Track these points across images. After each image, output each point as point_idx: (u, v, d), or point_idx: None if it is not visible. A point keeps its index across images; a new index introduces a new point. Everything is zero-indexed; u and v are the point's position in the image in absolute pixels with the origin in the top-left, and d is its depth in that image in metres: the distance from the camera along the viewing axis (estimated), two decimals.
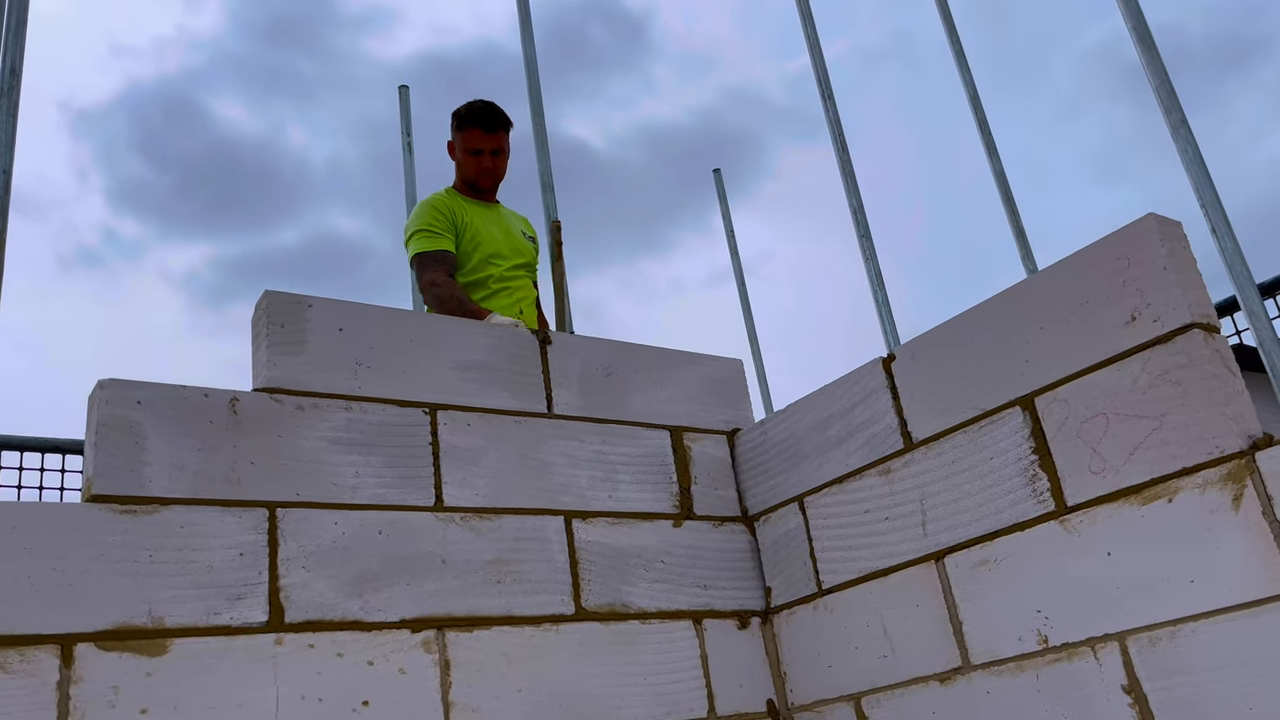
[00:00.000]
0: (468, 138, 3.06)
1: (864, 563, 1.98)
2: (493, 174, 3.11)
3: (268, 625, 1.62)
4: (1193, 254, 1.63)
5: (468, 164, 3.09)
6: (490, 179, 3.12)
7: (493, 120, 3.06)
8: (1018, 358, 1.77)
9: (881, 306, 3.04)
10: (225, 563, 1.63)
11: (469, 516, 1.89)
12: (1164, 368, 1.57)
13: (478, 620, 1.81)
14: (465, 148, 3.08)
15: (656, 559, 2.07)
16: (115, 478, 1.59)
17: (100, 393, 1.64)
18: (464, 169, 3.11)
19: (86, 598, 1.50)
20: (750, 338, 5.04)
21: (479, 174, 3.09)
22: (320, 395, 1.84)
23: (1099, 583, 1.60)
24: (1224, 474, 1.47)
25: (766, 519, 2.21)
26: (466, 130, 3.06)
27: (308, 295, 1.90)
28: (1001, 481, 1.76)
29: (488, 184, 3.13)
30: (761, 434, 2.26)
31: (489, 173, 3.10)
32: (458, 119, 3.08)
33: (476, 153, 3.07)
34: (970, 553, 1.79)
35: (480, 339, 2.09)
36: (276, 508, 1.71)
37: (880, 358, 2.02)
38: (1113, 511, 1.60)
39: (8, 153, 2.12)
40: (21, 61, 2.20)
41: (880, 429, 1.99)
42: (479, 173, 3.09)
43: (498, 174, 3.13)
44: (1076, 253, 1.71)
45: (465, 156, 3.09)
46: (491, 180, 3.13)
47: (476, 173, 3.09)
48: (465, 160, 3.09)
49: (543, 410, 2.09)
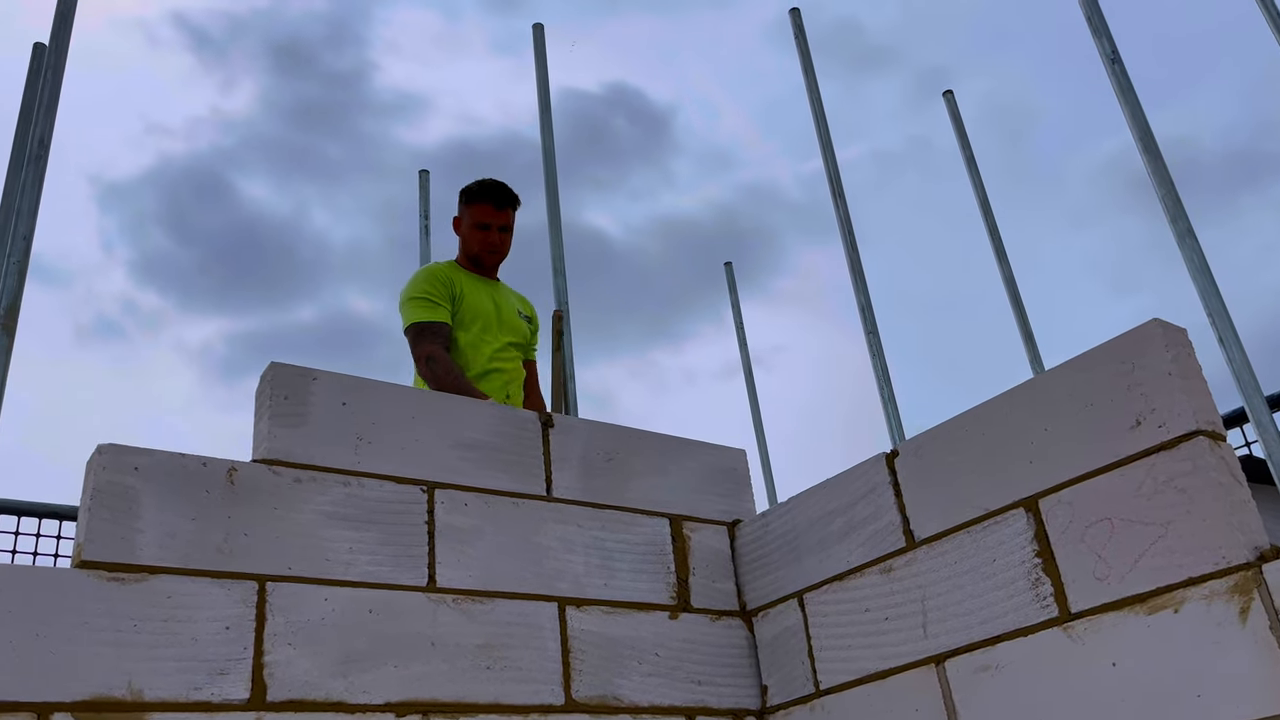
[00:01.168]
0: (477, 212, 3.11)
1: (863, 663, 1.93)
2: (499, 251, 3.15)
3: (249, 703, 1.58)
4: (1198, 361, 1.63)
5: (474, 238, 3.13)
6: (495, 256, 3.16)
7: (503, 197, 3.11)
8: (1022, 458, 1.76)
9: (887, 402, 3.03)
10: (210, 635, 1.60)
11: (461, 599, 1.86)
12: (1170, 474, 1.55)
13: (465, 707, 1.77)
14: (473, 221, 3.11)
15: (651, 651, 2.03)
16: (106, 544, 1.58)
17: (98, 458, 1.64)
18: (470, 243, 3.14)
19: (67, 666, 1.47)
20: (756, 429, 5.02)
21: (484, 249, 3.13)
22: (319, 469, 1.83)
23: (1103, 694, 1.55)
24: (1231, 585, 1.44)
25: (765, 614, 2.17)
26: (477, 205, 3.11)
27: (313, 368, 1.91)
28: (1004, 585, 1.73)
29: (492, 260, 3.17)
30: (763, 526, 2.24)
31: (495, 249, 3.14)
32: (468, 194, 3.13)
33: (484, 227, 3.11)
34: (972, 657, 1.74)
35: (481, 418, 2.09)
36: (267, 581, 1.68)
37: (884, 453, 2.01)
38: (1118, 620, 1.56)
39: (30, 220, 2.16)
40: (51, 133, 2.26)
41: (882, 526, 1.96)
42: (484, 248, 3.12)
43: (503, 251, 3.17)
44: (1081, 355, 1.71)
45: (472, 231, 3.12)
46: (497, 257, 3.17)
47: (482, 247, 3.12)
48: (472, 235, 3.13)
49: (541, 493, 2.07)
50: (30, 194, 2.17)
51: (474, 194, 3.12)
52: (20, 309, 2.10)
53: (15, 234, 2.12)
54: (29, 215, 2.15)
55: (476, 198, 3.11)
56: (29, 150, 2.21)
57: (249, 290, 27.76)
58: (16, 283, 2.08)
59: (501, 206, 3.11)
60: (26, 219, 2.14)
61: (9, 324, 2.04)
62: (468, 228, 3.14)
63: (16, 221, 2.14)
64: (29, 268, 2.13)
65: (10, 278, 2.07)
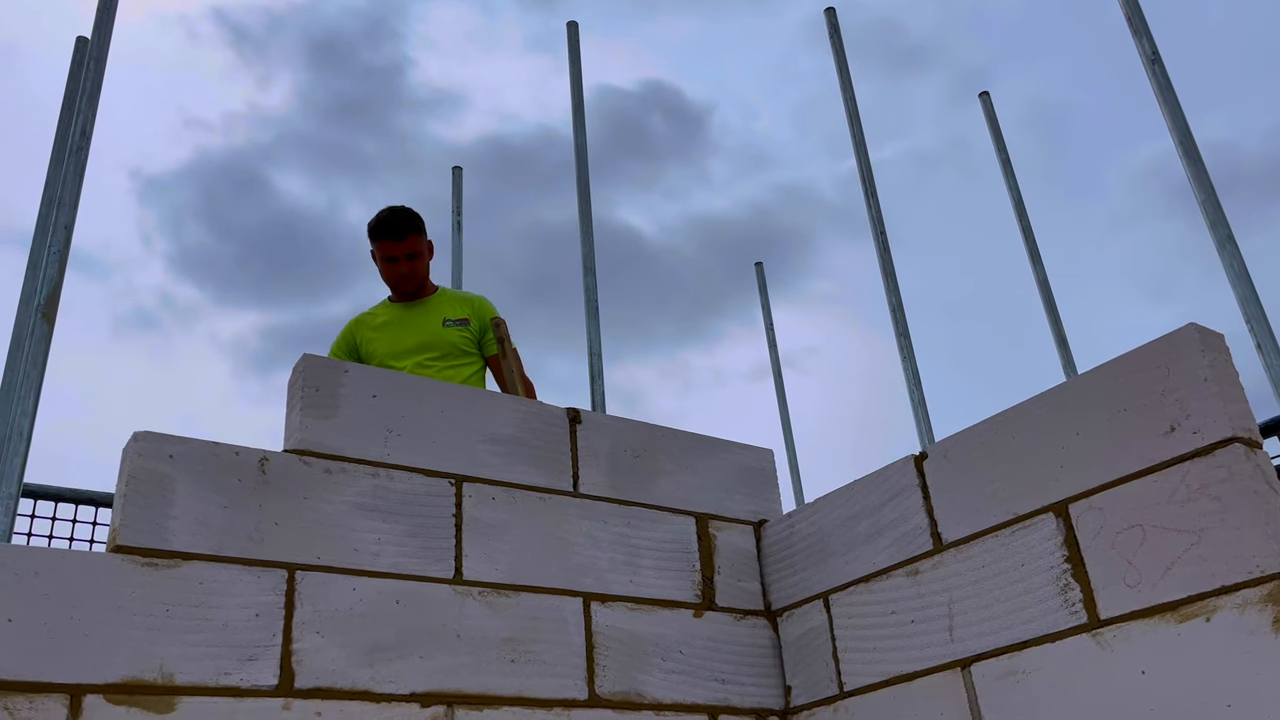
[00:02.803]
0: (381, 248, 3.19)
1: (888, 665, 1.92)
2: (410, 278, 3.24)
3: (277, 689, 1.60)
4: (1235, 367, 1.61)
5: (386, 273, 3.24)
6: (409, 283, 3.25)
7: (399, 229, 3.18)
8: (1053, 463, 1.74)
9: (917, 405, 3.02)
10: (240, 622, 1.62)
11: (487, 592, 1.87)
12: (1203, 481, 1.53)
13: (489, 699, 1.78)
14: (381, 256, 3.21)
15: (675, 649, 2.03)
16: (140, 530, 1.60)
17: (134, 444, 1.66)
18: (385, 276, 3.26)
19: (100, 648, 1.50)
20: (785, 429, 5.01)
21: (397, 280, 3.24)
22: (349, 460, 1.85)
23: (1132, 702, 1.54)
24: (1264, 594, 1.42)
25: (790, 615, 2.17)
26: (379, 241, 3.19)
27: (345, 361, 1.93)
28: (1033, 590, 1.72)
29: (408, 288, 3.26)
30: (789, 527, 2.23)
31: (406, 278, 3.23)
32: (370, 232, 3.21)
33: (391, 259, 3.20)
34: (998, 662, 1.73)
35: (510, 413, 2.10)
36: (296, 570, 1.70)
37: (912, 455, 2.00)
38: (1148, 628, 1.55)
39: (71, 210, 2.20)
40: (93, 125, 2.30)
41: (910, 528, 1.95)
42: (396, 279, 3.24)
43: (416, 277, 3.25)
44: (1115, 359, 1.69)
45: (384, 265, 3.22)
46: (411, 284, 3.26)
47: (394, 279, 3.24)
48: (384, 269, 3.23)
49: (569, 488, 2.08)
50: (71, 185, 2.20)
51: (373, 231, 3.21)
52: (60, 298, 2.14)
53: (57, 224, 2.16)
54: (70, 206, 2.19)
55: (376, 234, 3.20)
56: (71, 142, 2.24)
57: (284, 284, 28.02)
58: (58, 272, 2.12)
59: (400, 237, 3.18)
60: (68, 209, 2.18)
61: (49, 313, 2.08)
62: (380, 263, 3.24)
63: (58, 212, 2.18)
64: (70, 259, 2.17)
65: (51, 267, 2.11)
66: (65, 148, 2.45)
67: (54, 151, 2.77)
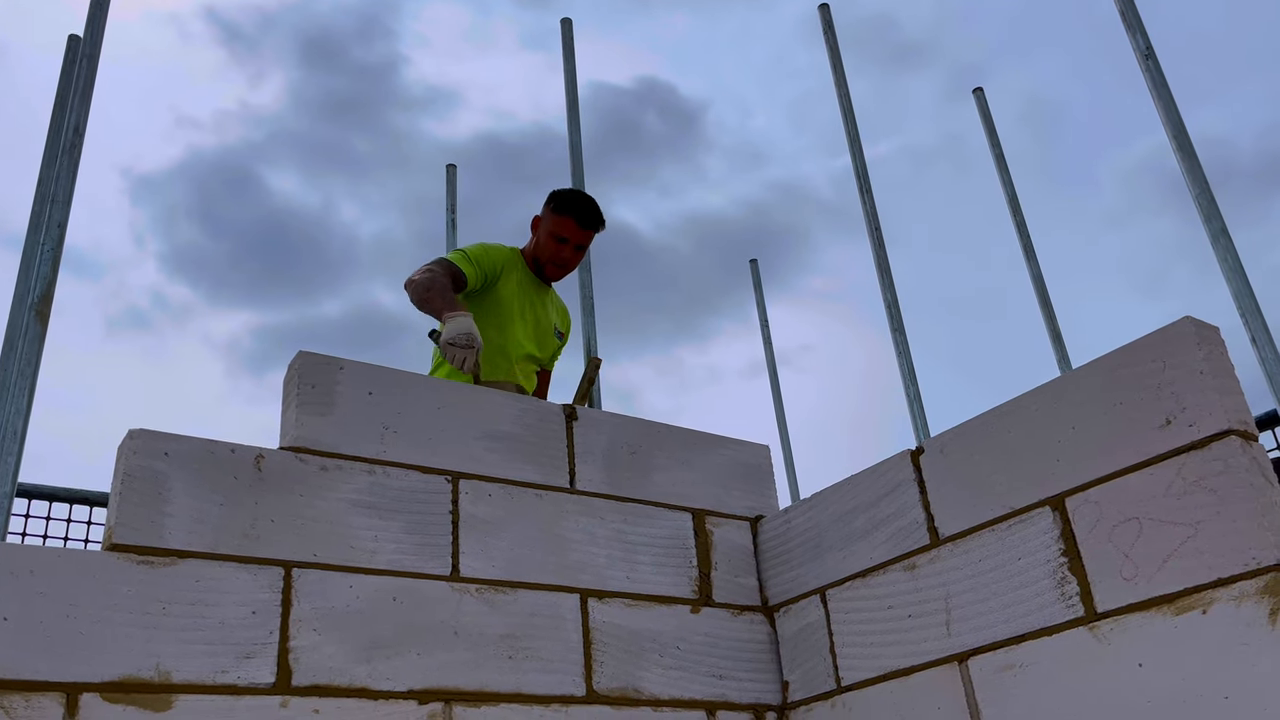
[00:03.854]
0: (560, 224, 2.99)
1: (885, 660, 1.92)
2: (566, 268, 3.07)
3: (274, 687, 1.60)
4: (1230, 360, 1.61)
5: (548, 247, 3.02)
6: (561, 271, 3.07)
7: (591, 218, 3.01)
8: (1049, 456, 1.74)
9: (913, 401, 3.02)
10: (237, 620, 1.62)
11: (484, 589, 1.87)
12: (1199, 474, 1.53)
13: (487, 695, 1.78)
14: (553, 231, 3.00)
15: (672, 644, 2.03)
16: (136, 528, 1.60)
17: (129, 442, 1.66)
18: (542, 249, 3.04)
19: (96, 647, 1.49)
20: (780, 426, 5.01)
21: (552, 261, 3.03)
22: (345, 457, 1.85)
23: (1129, 694, 1.54)
24: (1260, 587, 1.43)
25: (787, 610, 2.17)
26: (562, 216, 2.99)
27: (340, 358, 1.93)
28: (1030, 584, 1.72)
29: (556, 275, 3.09)
30: (785, 522, 2.23)
31: (564, 265, 3.05)
32: (558, 202, 3.02)
33: (562, 240, 3.00)
34: (995, 655, 1.73)
35: (507, 410, 2.10)
36: (293, 567, 1.70)
37: (909, 450, 2.00)
38: (1144, 621, 1.55)
39: (64, 208, 2.20)
40: (85, 123, 2.29)
41: (906, 523, 1.95)
42: (553, 260, 3.03)
43: (570, 269, 3.08)
44: (1111, 353, 1.70)
45: (549, 239, 3.01)
46: (562, 273, 3.09)
47: (551, 258, 3.02)
48: (547, 242, 3.02)
49: (565, 485, 2.08)
50: (65, 183, 2.20)
51: (563, 204, 3.01)
52: (54, 297, 2.13)
53: (50, 222, 2.15)
54: (63, 204, 2.18)
55: (564, 209, 3.00)
56: (64, 140, 2.24)
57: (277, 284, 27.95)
58: (51, 270, 2.11)
59: (585, 227, 3.01)
60: (61, 207, 2.17)
61: (43, 311, 2.08)
62: (545, 234, 3.02)
63: (51, 210, 2.17)
64: (62, 258, 2.17)
65: (44, 265, 2.11)
66: (58, 146, 2.44)
67: (46, 150, 2.77)
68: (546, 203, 3.06)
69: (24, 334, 2.07)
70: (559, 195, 3.05)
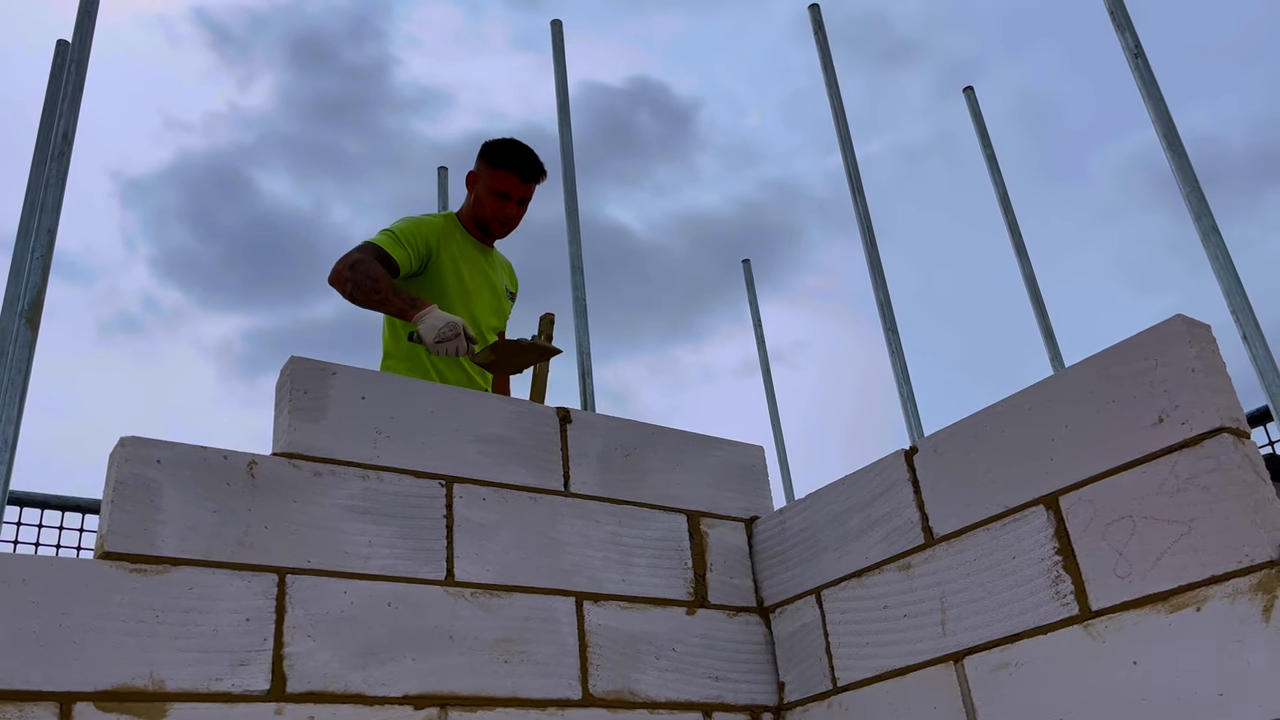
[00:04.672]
0: (499, 178, 2.80)
1: (881, 660, 1.92)
2: (511, 224, 2.88)
3: (269, 694, 1.59)
4: (1222, 357, 1.62)
5: (489, 205, 2.83)
6: (507, 228, 2.89)
7: (531, 170, 2.82)
8: (1042, 455, 1.74)
9: (906, 400, 3.02)
10: (231, 627, 1.61)
11: (479, 593, 1.86)
12: (1192, 472, 1.53)
13: (482, 700, 1.77)
14: (492, 187, 2.81)
15: (668, 647, 2.03)
16: (128, 535, 1.59)
17: (121, 450, 1.65)
18: (483, 208, 2.84)
19: (89, 656, 1.49)
20: (774, 426, 5.01)
21: (497, 218, 2.85)
22: (338, 462, 1.84)
23: (1124, 693, 1.54)
24: (1254, 583, 1.43)
25: (782, 611, 2.17)
26: (500, 170, 2.80)
27: (332, 363, 1.92)
28: (1024, 582, 1.72)
29: (502, 233, 2.90)
30: (780, 523, 2.23)
31: (508, 221, 2.87)
32: (492, 156, 2.83)
33: (503, 196, 2.81)
34: (991, 654, 1.73)
35: (500, 413, 2.09)
36: (287, 574, 1.69)
37: (902, 450, 2.00)
38: (1139, 618, 1.55)
39: (54, 214, 2.18)
40: (74, 128, 2.28)
41: (901, 523, 1.96)
42: (498, 217, 2.84)
43: (514, 224, 2.89)
44: (1103, 351, 1.70)
45: (489, 196, 2.82)
46: (507, 231, 2.91)
47: (495, 216, 2.84)
48: (487, 200, 2.82)
49: (559, 488, 2.08)
50: (54, 188, 2.19)
51: (499, 157, 2.81)
52: (44, 303, 2.12)
53: (39, 228, 2.14)
54: (53, 209, 2.17)
55: (502, 162, 2.80)
56: (52, 145, 2.23)
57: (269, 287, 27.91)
58: (41, 277, 2.10)
59: (528, 180, 2.82)
60: (50, 213, 2.16)
61: (33, 318, 2.06)
62: (484, 189, 2.83)
63: (40, 215, 2.16)
64: (54, 263, 2.16)
65: (34, 272, 2.09)
66: (47, 151, 2.43)
67: (35, 155, 2.75)
68: (480, 156, 2.86)
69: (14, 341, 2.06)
70: (493, 148, 2.84)
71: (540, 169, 2.85)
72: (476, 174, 2.87)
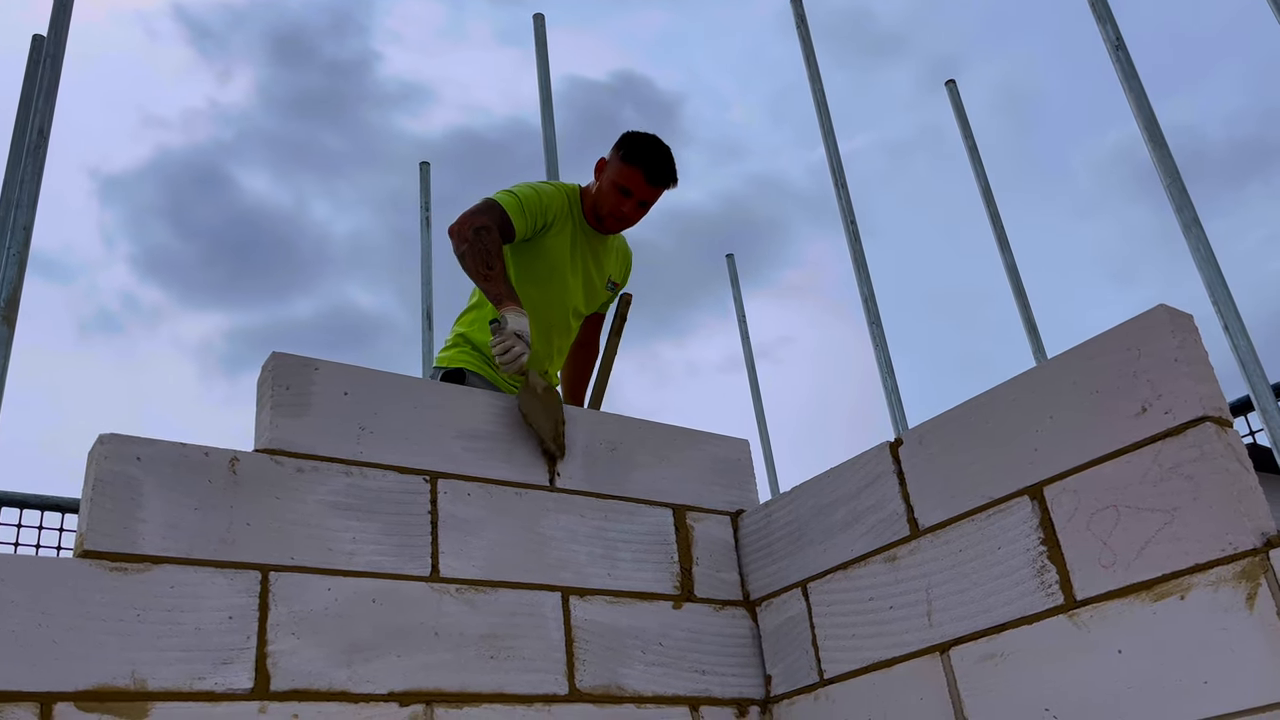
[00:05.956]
0: (626, 174, 2.63)
1: (868, 652, 1.92)
2: (626, 223, 2.72)
3: (253, 692, 1.58)
4: (1204, 348, 1.62)
5: (609, 198, 2.66)
6: (621, 226, 2.73)
7: (663, 173, 2.65)
8: (1027, 446, 1.75)
9: (890, 393, 3.03)
10: (214, 625, 1.59)
11: (464, 588, 1.86)
12: (1176, 461, 1.54)
13: (468, 696, 1.76)
14: (617, 181, 2.64)
15: (654, 641, 2.02)
16: (108, 534, 1.57)
17: (100, 448, 1.63)
18: (603, 199, 2.68)
19: (70, 656, 1.47)
20: (759, 420, 5.02)
21: (613, 214, 2.68)
22: (321, 459, 1.83)
23: (1109, 681, 1.55)
24: (1238, 571, 1.44)
25: (769, 604, 2.17)
26: (629, 166, 2.63)
27: (315, 358, 1.91)
28: (1009, 573, 1.72)
29: (614, 229, 2.76)
30: (766, 516, 2.23)
31: (623, 220, 2.70)
32: (627, 150, 2.65)
33: (625, 193, 2.64)
34: (977, 645, 1.74)
35: (485, 409, 2.08)
36: (270, 571, 1.68)
37: (887, 442, 2.00)
38: (1123, 607, 1.56)
39: (30, 211, 2.16)
40: (50, 123, 2.26)
41: (886, 515, 1.96)
42: (614, 213, 2.67)
43: (629, 225, 2.74)
44: (1087, 342, 1.71)
45: (611, 189, 2.65)
46: (620, 228, 2.76)
47: (611, 211, 2.67)
48: (609, 192, 2.65)
49: (545, 483, 2.07)
50: (30, 185, 2.16)
51: (632, 154, 2.63)
52: (20, 301, 2.10)
53: (15, 225, 2.12)
54: (29, 206, 2.14)
55: (632, 159, 2.62)
56: (28, 141, 2.20)
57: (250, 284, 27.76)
58: (17, 274, 2.08)
59: (654, 183, 2.65)
60: (26, 210, 2.13)
61: (9, 315, 2.04)
62: (609, 182, 2.66)
63: (16, 213, 2.14)
64: (31, 260, 2.13)
65: (10, 269, 2.07)
66: (23, 148, 2.40)
67: (11, 152, 2.72)
68: (616, 146, 2.68)
69: None
70: (631, 140, 2.67)
71: (671, 174, 2.68)
72: (608, 161, 2.70)
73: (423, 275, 4.20)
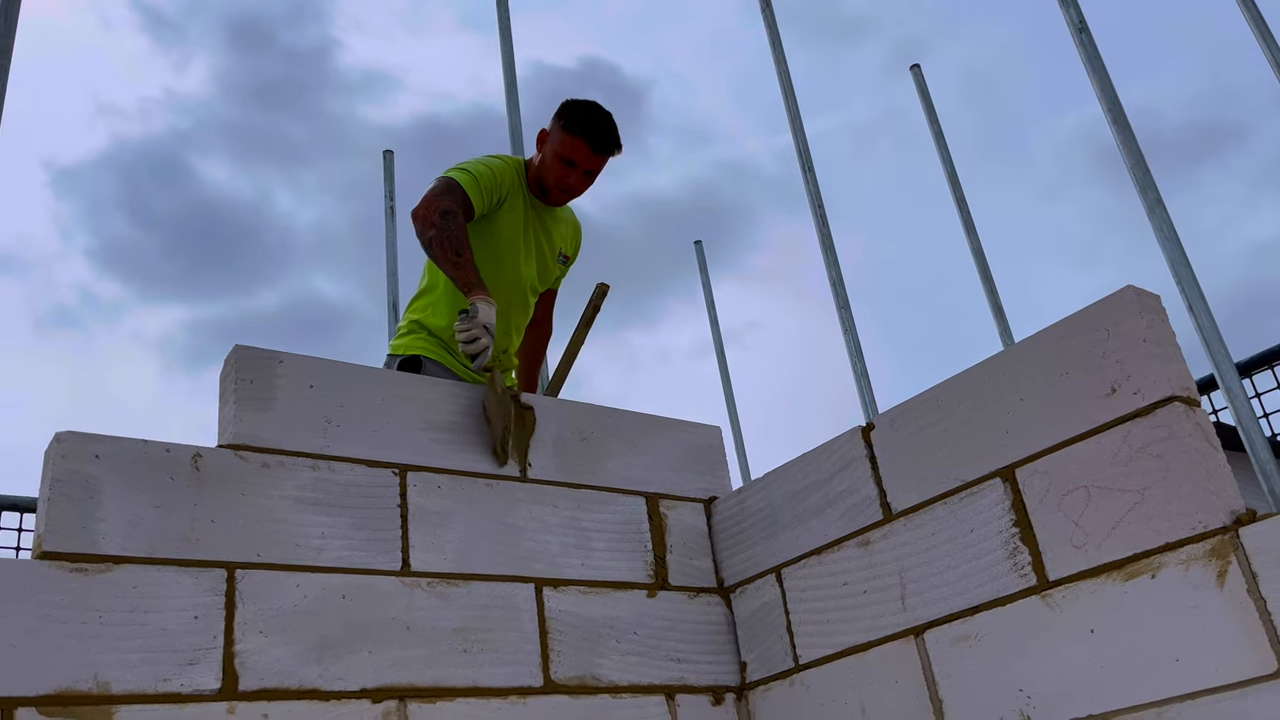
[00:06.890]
0: (569, 145, 2.57)
1: (842, 637, 1.92)
2: (572, 194, 2.67)
3: (220, 693, 1.55)
4: (1171, 327, 1.63)
5: (553, 170, 2.60)
6: (566, 197, 2.68)
7: (607, 141, 2.59)
8: (998, 428, 1.75)
9: (860, 377, 3.03)
10: (179, 625, 1.56)
11: (436, 582, 1.83)
12: (1145, 441, 1.55)
13: (442, 691, 1.74)
14: (560, 153, 2.58)
15: (629, 630, 2.01)
16: (67, 534, 1.53)
17: (57, 446, 1.59)
18: (546, 171, 2.62)
19: (30, 659, 1.43)
20: (729, 407, 5.02)
21: (558, 186, 2.62)
22: (287, 453, 1.79)
23: (1082, 661, 1.56)
24: (1208, 550, 1.45)
25: (743, 590, 2.16)
26: (571, 136, 2.56)
27: (279, 351, 1.87)
28: (982, 555, 1.73)
29: (559, 201, 2.70)
30: (739, 503, 2.22)
31: (569, 191, 2.65)
32: (568, 120, 2.58)
33: (569, 164, 2.58)
34: (951, 628, 1.74)
35: (452, 400, 2.06)
36: (236, 569, 1.65)
37: (859, 426, 2.00)
38: (1095, 587, 1.57)
39: None
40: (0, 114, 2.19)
41: (859, 499, 1.96)
42: (559, 185, 2.62)
43: (575, 195, 2.69)
44: (1056, 324, 1.71)
45: (555, 160, 2.59)
46: (565, 200, 2.71)
47: (556, 183, 2.61)
48: (553, 164, 2.60)
49: (515, 474, 2.05)
50: None
51: (573, 124, 2.57)
52: None
53: None
54: None
55: (574, 129, 2.56)
56: None
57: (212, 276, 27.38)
58: None
59: (599, 151, 2.59)
60: None
61: None
62: (552, 154, 2.60)
63: None
64: None
65: None
66: None
67: None
68: (556, 116, 2.62)
69: None
70: (571, 109, 2.60)
71: (615, 141, 2.61)
72: (549, 133, 2.64)
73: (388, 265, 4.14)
